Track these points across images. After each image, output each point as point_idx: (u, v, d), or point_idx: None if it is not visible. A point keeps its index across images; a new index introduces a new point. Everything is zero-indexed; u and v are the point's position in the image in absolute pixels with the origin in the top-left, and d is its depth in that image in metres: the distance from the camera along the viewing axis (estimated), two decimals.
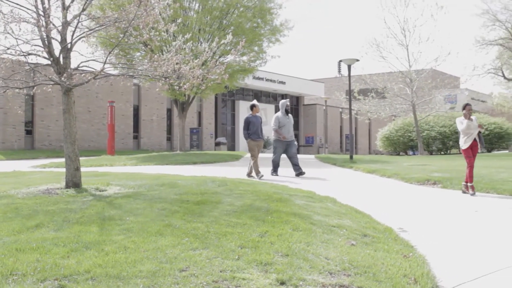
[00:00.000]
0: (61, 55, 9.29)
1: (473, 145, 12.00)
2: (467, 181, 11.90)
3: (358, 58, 24.05)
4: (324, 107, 49.96)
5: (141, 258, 5.11)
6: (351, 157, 22.49)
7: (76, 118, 9.82)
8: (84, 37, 9.37)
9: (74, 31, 9.24)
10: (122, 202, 8.04)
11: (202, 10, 26.36)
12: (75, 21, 9.23)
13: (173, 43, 10.02)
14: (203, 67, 10.44)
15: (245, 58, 26.88)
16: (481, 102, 61.45)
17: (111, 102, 28.47)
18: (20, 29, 8.76)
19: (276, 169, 15.15)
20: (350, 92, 24.44)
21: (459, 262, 6.08)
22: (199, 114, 44.09)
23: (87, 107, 35.37)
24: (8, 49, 8.97)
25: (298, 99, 55.24)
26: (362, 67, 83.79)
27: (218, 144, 42.26)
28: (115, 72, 13.98)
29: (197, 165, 19.48)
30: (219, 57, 25.45)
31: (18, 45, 8.95)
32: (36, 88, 10.15)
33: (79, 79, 9.39)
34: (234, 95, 48.12)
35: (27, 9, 8.88)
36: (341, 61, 25.18)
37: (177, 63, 9.43)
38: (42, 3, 8.85)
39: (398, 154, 37.75)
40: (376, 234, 7.00)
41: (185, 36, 10.38)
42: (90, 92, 34.68)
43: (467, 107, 12.14)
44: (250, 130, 14.37)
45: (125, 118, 37.70)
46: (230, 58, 24.78)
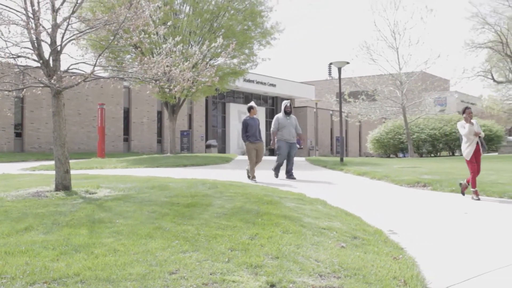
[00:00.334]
0: (50, 58, 9.25)
1: (476, 150, 11.61)
2: (469, 181, 11.62)
3: (349, 60, 24.11)
4: (314, 110, 50.05)
5: (131, 261, 5.10)
6: (342, 159, 22.53)
7: (66, 121, 9.79)
8: (74, 39, 9.35)
9: (64, 34, 9.21)
10: (112, 204, 8.02)
11: (193, 13, 26.37)
12: (65, 23, 9.20)
13: (163, 46, 10.01)
14: (194, 70, 10.43)
15: (235, 60, 26.93)
16: (470, 104, 61.53)
17: (101, 104, 28.36)
18: (9, 31, 8.70)
19: (278, 171, 15.03)
20: (340, 94, 24.49)
21: (449, 263, 6.10)
22: (190, 117, 44.03)
23: (77, 110, 35.25)
24: None
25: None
26: (352, 70, 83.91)
27: (208, 146, 42.21)
28: (105, 74, 13.92)
29: (187, 167, 19.45)
30: (210, 59, 25.44)
31: (7, 47, 8.89)
32: (25, 90, 10.10)
33: (69, 82, 9.35)
34: (224, 98, 48.11)
35: (17, 11, 8.84)
36: (331, 63, 25.23)
37: (167, 66, 9.41)
38: (32, 5, 8.81)
39: (389, 157, 37.88)
40: (366, 236, 7.02)
41: (175, 38, 10.37)
42: (80, 94, 34.56)
43: (467, 111, 11.70)
44: (248, 132, 14.14)
45: (115, 120, 37.59)
46: (220, 60, 24.79)
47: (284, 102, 15.43)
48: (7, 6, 8.83)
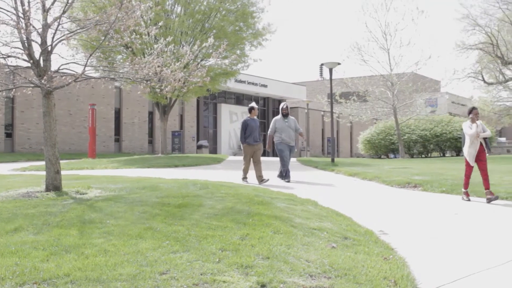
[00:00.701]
0: (41, 58, 9.21)
1: (480, 150, 11.43)
2: (487, 188, 11.30)
3: (340, 61, 24.17)
4: (306, 110, 50.11)
5: (121, 261, 5.09)
6: (333, 160, 22.58)
7: (56, 121, 9.75)
8: (64, 39, 9.31)
9: (55, 34, 9.18)
10: (103, 205, 8.00)
11: (184, 13, 26.34)
12: (56, 23, 9.16)
13: (155, 46, 9.99)
14: (185, 70, 10.42)
15: (227, 61, 26.91)
16: (461, 105, 62.01)
17: (92, 105, 28.27)
18: None
19: (287, 174, 14.60)
20: (332, 95, 24.54)
21: (439, 264, 6.12)
22: (181, 117, 43.97)
23: (68, 110, 35.13)
24: None
25: (280, 102, 55.27)
26: (344, 71, 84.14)
27: (200, 147, 42.17)
28: (96, 74, 13.88)
29: (178, 168, 19.44)
30: (201, 60, 25.47)
31: None
32: (16, 90, 10.06)
33: (60, 82, 9.31)
34: (216, 98, 48.06)
35: (7, 11, 8.80)
36: (323, 64, 25.26)
37: (158, 66, 9.40)
38: (22, 5, 8.78)
39: (380, 157, 37.97)
40: (356, 236, 7.04)
41: (167, 39, 10.35)
42: (71, 95, 34.45)
43: (474, 111, 11.51)
44: (248, 133, 13.83)
45: (106, 121, 37.49)
46: (212, 61, 24.80)
47: (281, 104, 15.22)
48: None
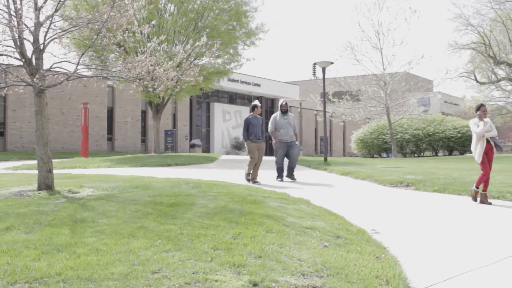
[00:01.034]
0: (33, 56, 9.18)
1: (488, 149, 11.05)
2: (478, 186, 11.07)
3: (333, 61, 24.19)
4: (299, 110, 50.15)
5: (113, 261, 5.08)
6: (326, 159, 22.61)
7: (48, 120, 9.72)
8: (57, 38, 9.28)
9: (47, 32, 9.14)
10: (95, 204, 7.98)
11: (177, 12, 26.31)
12: (48, 22, 9.13)
13: (147, 45, 9.98)
14: (178, 69, 10.41)
15: (220, 60, 26.91)
16: (453, 105, 62.22)
17: (85, 103, 28.19)
18: None
19: (280, 173, 14.55)
20: (324, 94, 24.57)
21: (431, 263, 6.14)
22: (174, 116, 43.93)
23: (61, 109, 35.03)
24: None
25: (273, 101, 55.31)
26: (337, 70, 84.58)
27: (193, 146, 42.15)
28: (89, 73, 13.88)
29: (171, 167, 19.41)
30: (194, 59, 25.44)
31: None
32: (8, 89, 10.02)
33: (52, 81, 9.28)
34: (209, 97, 48.04)
35: None
36: (316, 63, 25.31)
37: (151, 65, 9.38)
38: (14, 3, 8.74)
39: (373, 157, 38.06)
40: (349, 235, 7.04)
41: (159, 37, 10.34)
42: (64, 93, 34.36)
43: (482, 108, 11.09)
44: (250, 131, 13.76)
45: (99, 120, 37.41)
46: (205, 60, 24.78)
47: (280, 100, 15.22)
48: None
